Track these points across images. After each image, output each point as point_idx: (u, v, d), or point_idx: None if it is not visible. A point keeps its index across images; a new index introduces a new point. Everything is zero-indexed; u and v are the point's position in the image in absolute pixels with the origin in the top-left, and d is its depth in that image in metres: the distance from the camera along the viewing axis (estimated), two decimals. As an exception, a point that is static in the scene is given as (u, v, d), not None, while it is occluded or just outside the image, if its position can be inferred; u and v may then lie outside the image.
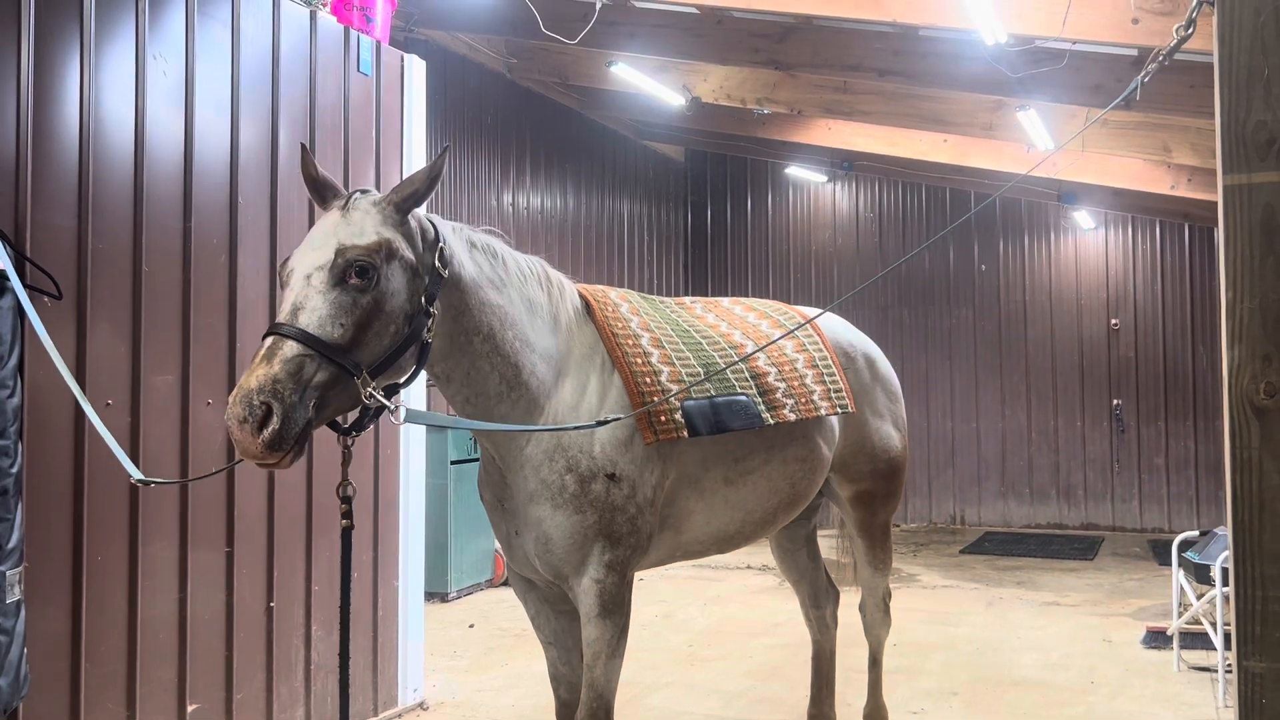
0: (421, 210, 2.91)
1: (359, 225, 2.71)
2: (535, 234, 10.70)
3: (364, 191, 2.83)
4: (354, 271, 2.62)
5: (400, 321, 2.74)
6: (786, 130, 11.69)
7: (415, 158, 5.44)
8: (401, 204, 2.79)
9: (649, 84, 9.43)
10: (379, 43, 5.25)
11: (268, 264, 4.56)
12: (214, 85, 4.34)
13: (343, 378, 2.60)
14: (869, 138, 11.08)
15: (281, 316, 2.59)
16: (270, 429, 2.43)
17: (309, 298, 2.60)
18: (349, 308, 2.62)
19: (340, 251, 2.64)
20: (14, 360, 3.36)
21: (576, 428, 3.03)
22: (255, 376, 2.47)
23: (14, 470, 3.33)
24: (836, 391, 3.83)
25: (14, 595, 3.33)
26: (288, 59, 4.69)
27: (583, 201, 11.68)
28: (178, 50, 4.19)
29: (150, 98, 4.07)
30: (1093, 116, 7.52)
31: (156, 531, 4.05)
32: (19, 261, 3.48)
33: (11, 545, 3.32)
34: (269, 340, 2.55)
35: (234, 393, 2.47)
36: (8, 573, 3.30)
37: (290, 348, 2.52)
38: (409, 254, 2.77)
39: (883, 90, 9.13)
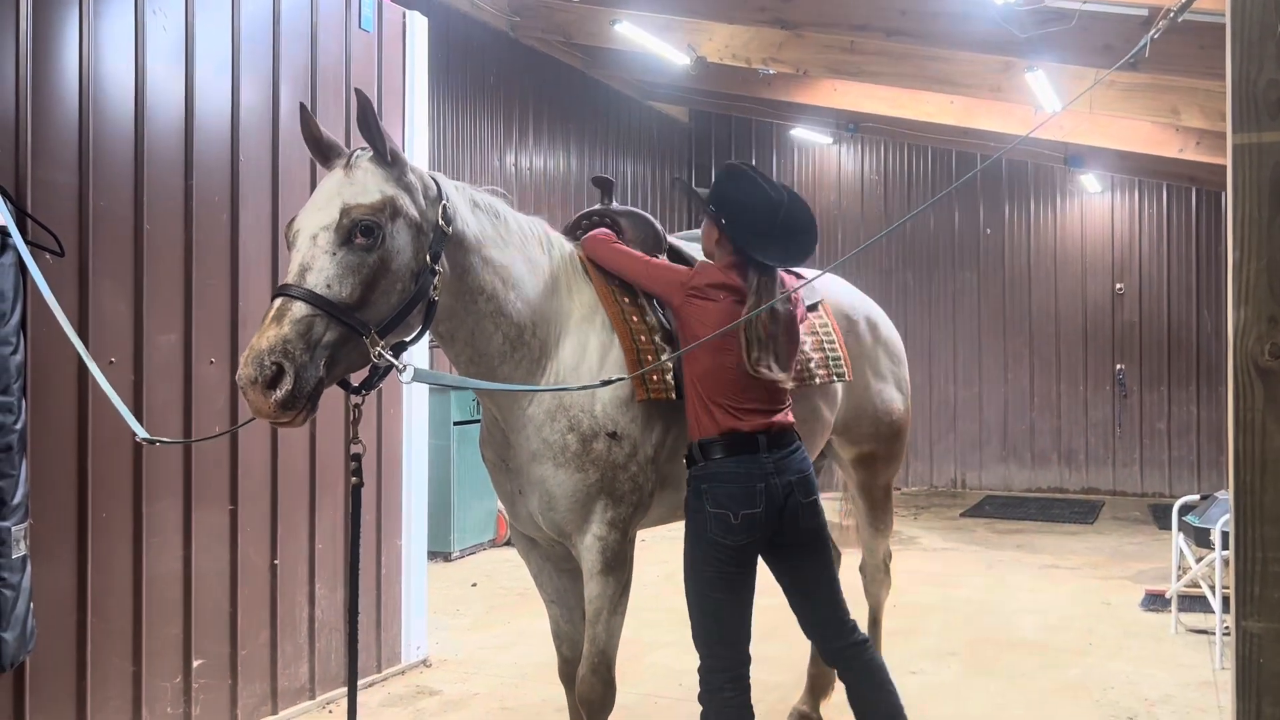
0: (423, 167, 2.90)
1: (362, 184, 2.70)
2: (538, 195, 10.65)
3: (365, 148, 2.82)
4: (359, 231, 2.63)
5: (407, 279, 2.74)
6: (792, 91, 11.58)
7: (418, 116, 5.40)
8: (394, 156, 2.78)
9: (653, 43, 9.34)
10: (380, -1, 5.20)
11: (269, 222, 4.54)
12: (214, 41, 4.30)
13: (352, 337, 2.62)
14: (875, 99, 10.98)
15: (289, 277, 2.60)
16: (283, 389, 2.47)
17: (316, 258, 2.61)
18: (356, 267, 2.62)
19: (345, 211, 2.64)
20: (16, 317, 3.36)
21: (582, 388, 3.04)
22: (266, 337, 2.49)
23: (18, 426, 3.34)
24: (835, 360, 3.80)
25: (20, 550, 3.35)
26: (288, 14, 4.64)
27: (586, 162, 11.60)
28: (177, 5, 4.14)
29: (150, 54, 4.03)
30: (1102, 78, 7.45)
31: (161, 489, 4.07)
32: (20, 218, 3.47)
33: (17, 500, 3.33)
34: (278, 301, 2.56)
35: (245, 354, 2.50)
36: (13, 528, 3.32)
37: (299, 308, 2.54)
38: (413, 211, 2.77)
39: (890, 51, 9.03)
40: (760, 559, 3.13)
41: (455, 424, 8.31)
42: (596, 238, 3.34)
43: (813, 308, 3.78)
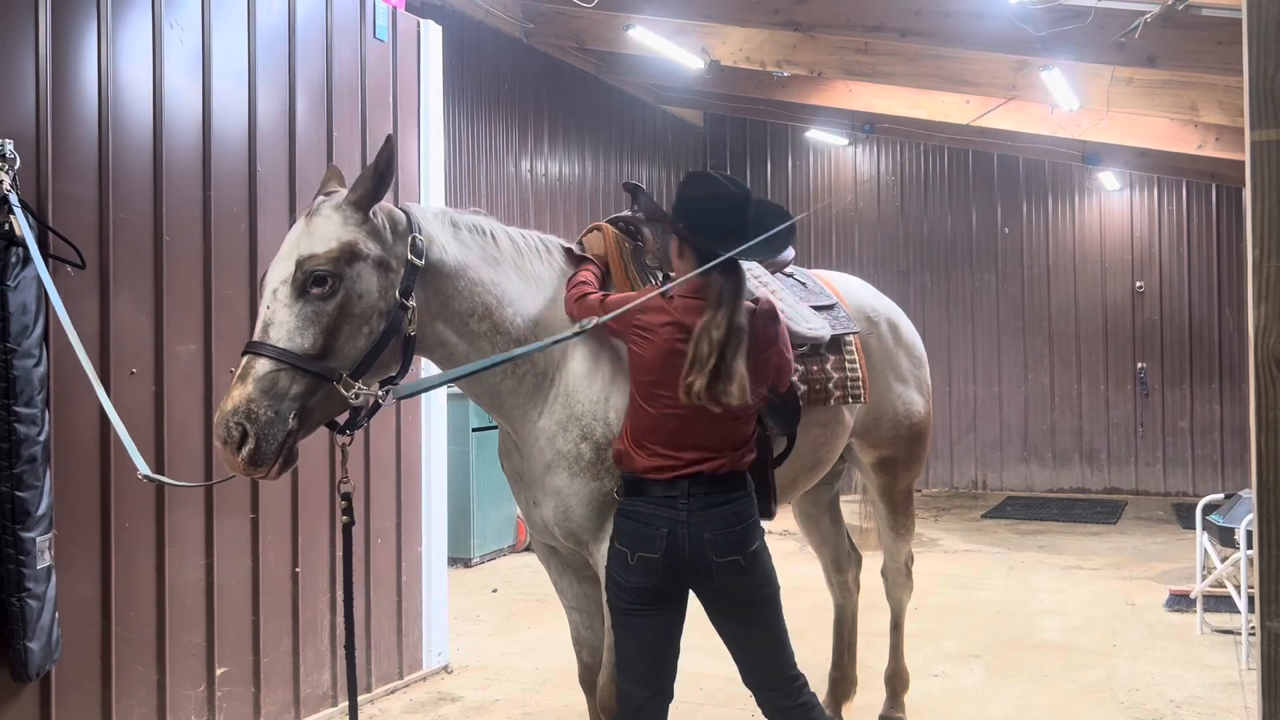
0: (415, 205, 2.89)
1: (320, 232, 2.72)
2: (554, 201, 10.67)
3: (328, 194, 2.82)
4: (312, 281, 2.64)
5: (374, 320, 2.74)
6: (806, 93, 11.57)
7: (433, 124, 5.41)
8: (358, 203, 2.77)
9: (667, 47, 9.35)
10: (395, 8, 5.22)
11: (287, 231, 4.57)
12: (231, 53, 4.33)
13: (321, 384, 2.64)
14: (890, 99, 10.95)
15: (255, 335, 2.65)
16: (247, 449, 2.52)
17: (276, 312, 2.65)
18: (314, 317, 2.64)
19: (300, 263, 2.66)
20: (39, 330, 3.39)
21: (551, 342, 2.92)
22: (231, 398, 2.55)
23: (42, 438, 3.37)
24: (854, 381, 3.75)
25: (44, 561, 3.39)
26: (304, 25, 4.67)
27: (601, 167, 11.62)
28: (194, 18, 4.18)
29: (168, 66, 4.06)
30: (1117, 75, 7.41)
31: (182, 498, 4.09)
32: (42, 231, 3.50)
33: (41, 511, 3.37)
34: (244, 360, 2.61)
35: (216, 414, 2.56)
36: (38, 539, 3.35)
37: (262, 365, 2.58)
38: (376, 251, 2.75)
39: (904, 51, 9.01)
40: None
41: (474, 430, 8.32)
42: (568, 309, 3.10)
43: (835, 342, 3.66)
